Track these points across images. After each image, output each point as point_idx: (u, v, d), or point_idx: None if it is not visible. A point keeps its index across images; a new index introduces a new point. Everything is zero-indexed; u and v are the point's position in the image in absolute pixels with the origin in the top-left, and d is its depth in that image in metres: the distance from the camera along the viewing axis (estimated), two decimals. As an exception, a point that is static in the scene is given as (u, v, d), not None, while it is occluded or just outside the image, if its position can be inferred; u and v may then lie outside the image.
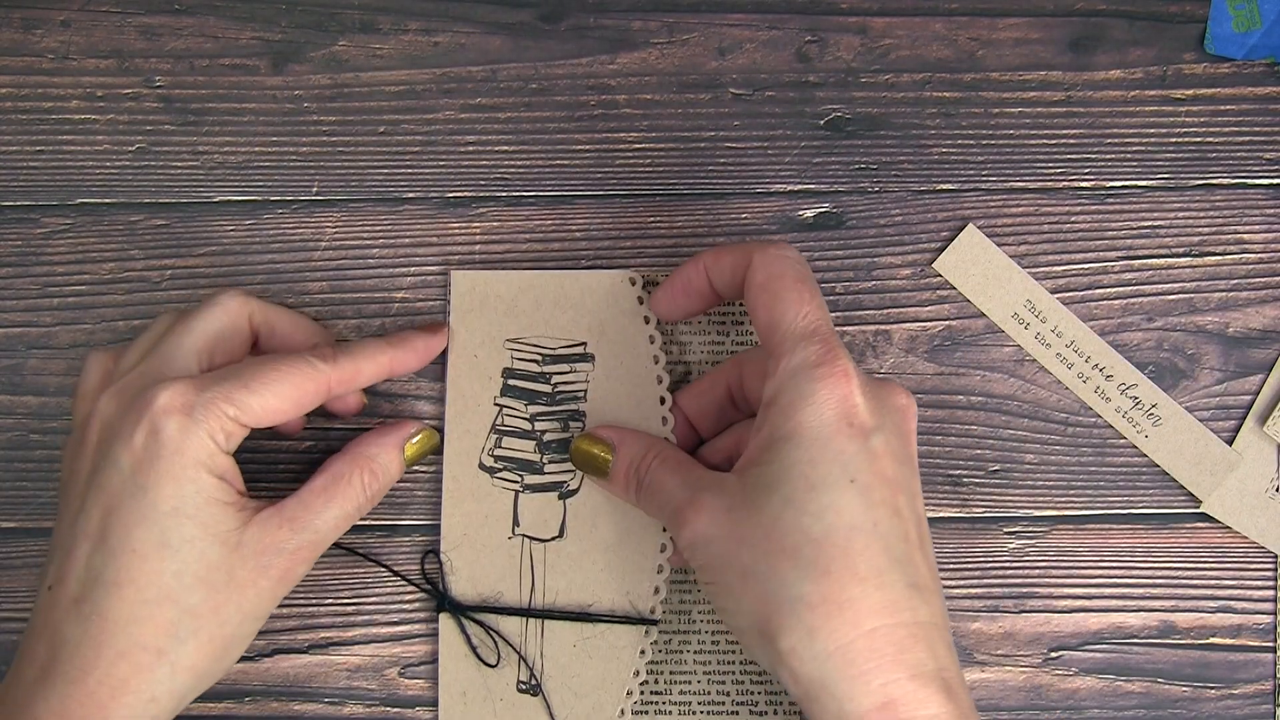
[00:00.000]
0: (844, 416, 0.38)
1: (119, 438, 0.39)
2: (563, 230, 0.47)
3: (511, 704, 0.46)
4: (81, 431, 0.41)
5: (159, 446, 0.39)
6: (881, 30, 0.48)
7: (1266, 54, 0.47)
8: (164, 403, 0.39)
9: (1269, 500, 0.47)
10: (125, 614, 0.38)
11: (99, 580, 0.38)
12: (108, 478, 0.39)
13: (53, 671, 0.38)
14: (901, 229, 0.47)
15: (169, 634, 0.39)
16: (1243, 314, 0.47)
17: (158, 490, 0.39)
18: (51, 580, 0.39)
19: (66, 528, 0.40)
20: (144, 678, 0.38)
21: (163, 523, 0.39)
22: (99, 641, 0.38)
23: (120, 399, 0.40)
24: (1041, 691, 0.47)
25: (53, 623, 0.39)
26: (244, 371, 0.41)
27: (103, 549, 0.39)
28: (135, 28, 0.48)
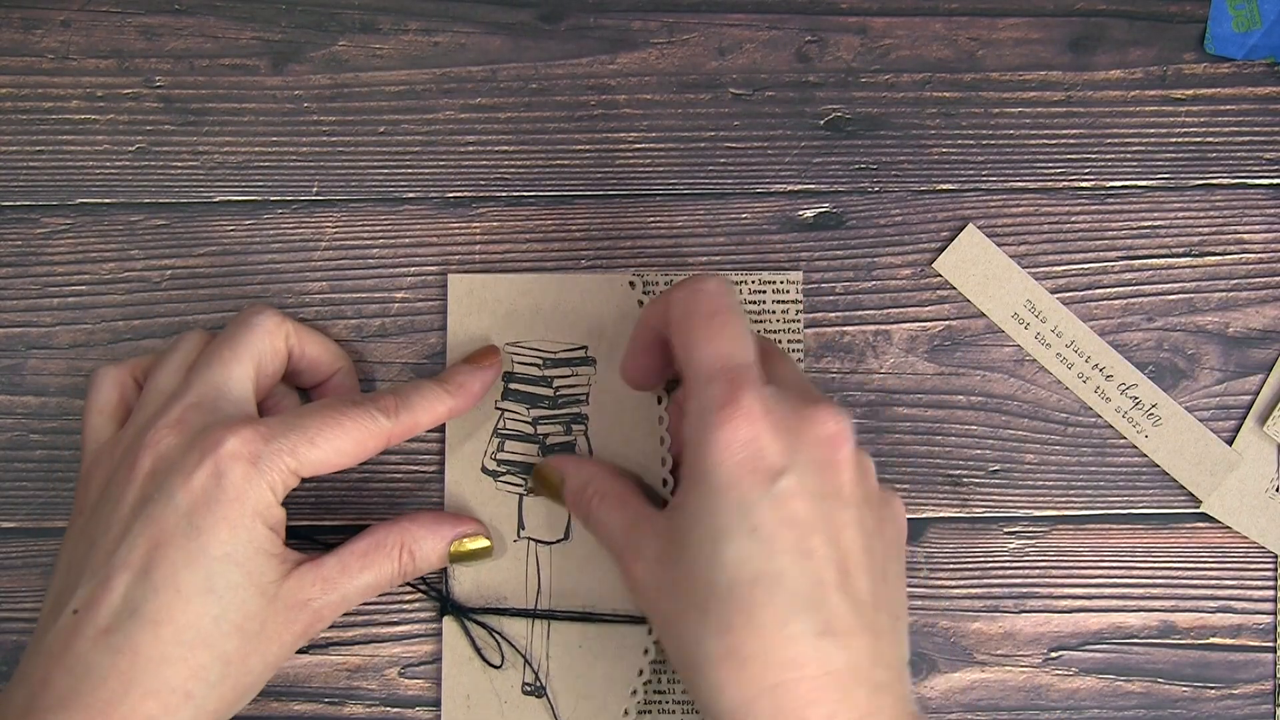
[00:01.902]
0: (746, 462, 0.36)
1: (177, 473, 0.39)
2: (563, 230, 0.47)
3: (516, 706, 0.46)
4: (130, 457, 0.40)
5: (220, 492, 0.38)
6: (881, 30, 0.48)
7: (1266, 54, 0.47)
8: (231, 449, 0.39)
9: (1269, 500, 0.47)
10: (159, 653, 0.38)
11: (136, 614, 0.38)
12: (160, 511, 0.38)
13: (73, 703, 0.37)
14: (901, 229, 0.47)
15: (200, 678, 0.38)
16: (1243, 314, 0.47)
17: (212, 534, 0.38)
18: (78, 605, 0.38)
19: (103, 554, 0.39)
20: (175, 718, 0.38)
21: (211, 567, 0.38)
22: (129, 677, 0.37)
23: (180, 433, 0.40)
24: (1041, 691, 0.47)
25: (77, 650, 0.38)
26: (309, 422, 0.40)
27: (144, 583, 0.38)
28: (135, 28, 0.48)
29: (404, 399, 0.42)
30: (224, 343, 0.42)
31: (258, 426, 0.39)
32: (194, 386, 0.41)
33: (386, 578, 0.43)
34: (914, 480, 0.47)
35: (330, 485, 0.47)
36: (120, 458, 0.41)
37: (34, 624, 0.46)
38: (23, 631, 0.47)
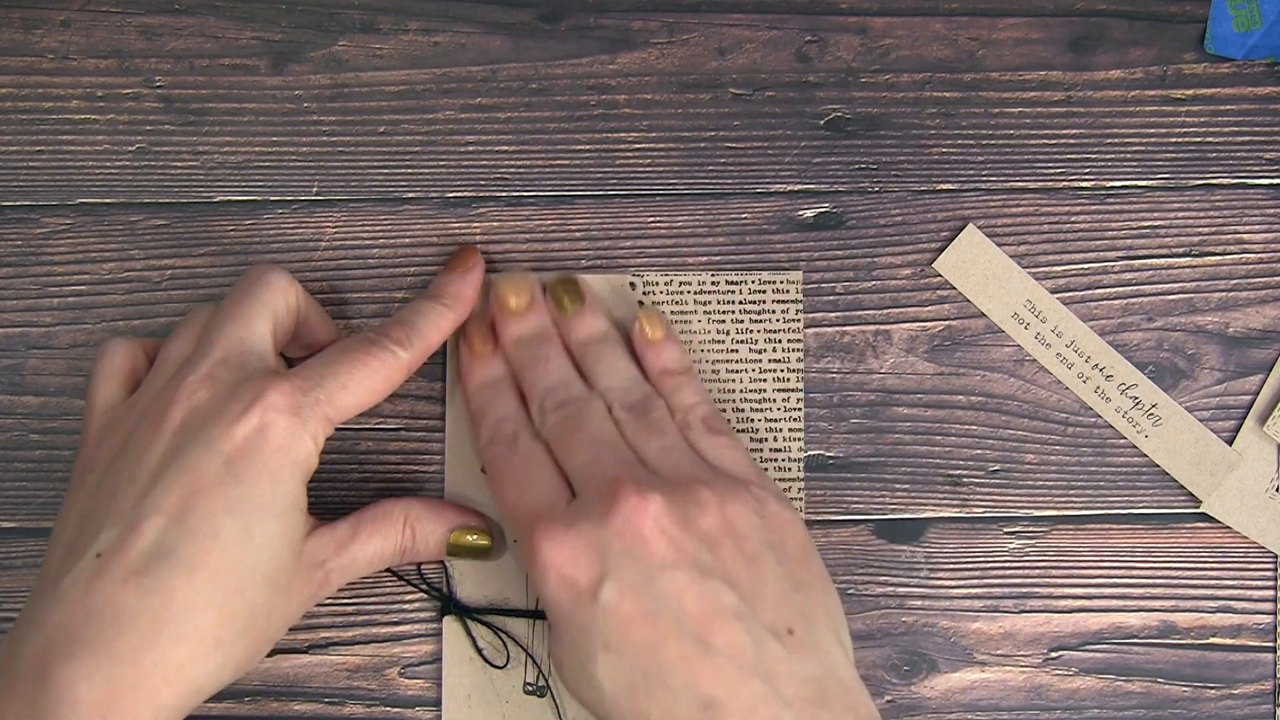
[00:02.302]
0: (566, 589, 0.38)
1: (216, 423, 0.38)
2: (563, 230, 0.47)
3: (519, 705, 0.46)
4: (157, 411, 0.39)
5: (264, 443, 0.38)
6: (881, 30, 0.48)
7: (1267, 54, 0.47)
8: (274, 400, 0.38)
9: (1269, 500, 0.47)
10: (192, 598, 0.37)
11: (171, 557, 0.37)
12: (196, 460, 0.38)
13: (99, 648, 0.35)
14: (901, 229, 0.47)
15: (230, 626, 0.38)
16: (1243, 314, 0.47)
17: (254, 483, 0.38)
18: (103, 549, 0.37)
19: (129, 500, 0.37)
20: (198, 667, 0.37)
21: (251, 516, 0.38)
22: (160, 620, 0.36)
23: (212, 388, 0.39)
24: (1041, 691, 0.47)
25: (102, 592, 0.36)
26: (338, 369, 0.40)
27: (179, 527, 0.37)
28: (135, 28, 0.48)
29: (411, 326, 0.42)
30: (240, 300, 0.41)
31: (293, 378, 0.39)
32: (218, 343, 0.40)
33: (391, 550, 0.43)
34: (914, 480, 0.47)
35: (330, 485, 0.47)
36: (143, 414, 0.40)
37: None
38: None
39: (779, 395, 0.47)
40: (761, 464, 0.46)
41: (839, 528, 0.47)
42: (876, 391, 0.47)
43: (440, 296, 0.44)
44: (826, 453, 0.47)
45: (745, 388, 0.47)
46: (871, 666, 0.47)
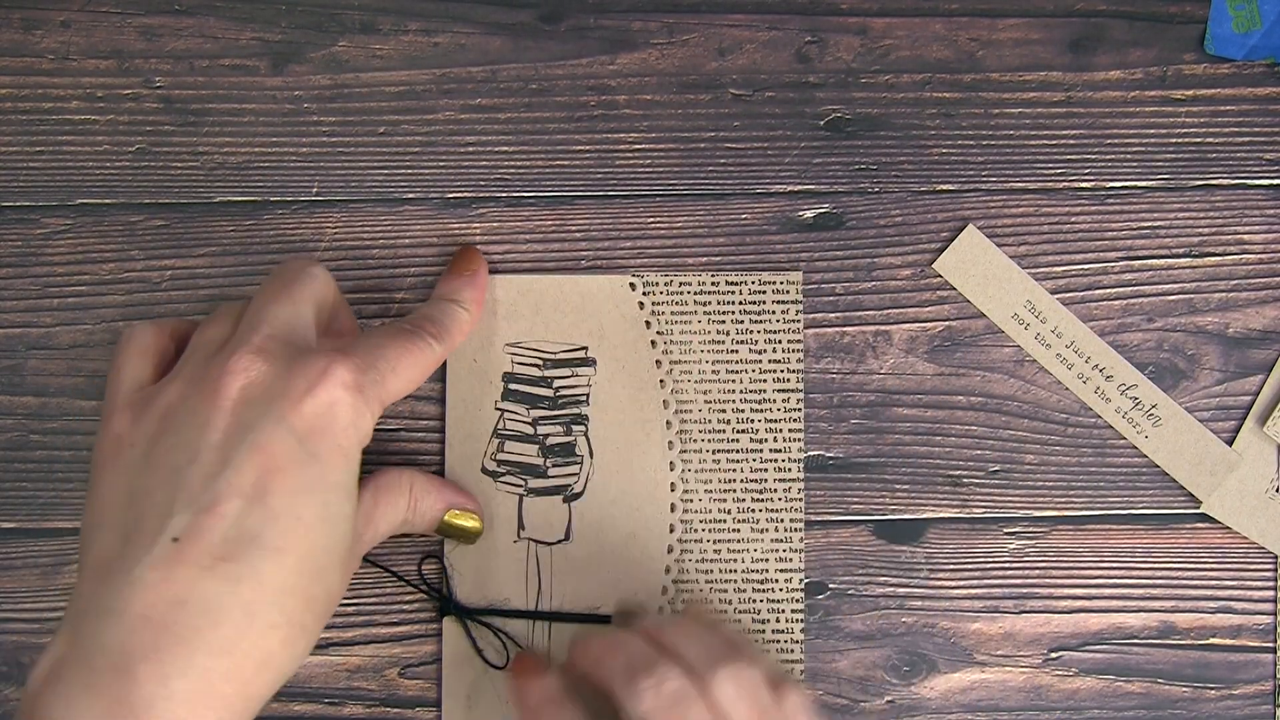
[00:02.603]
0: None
1: (283, 399, 0.36)
2: (563, 231, 0.47)
3: (514, 707, 0.46)
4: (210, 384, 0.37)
5: (333, 420, 0.37)
6: (881, 31, 0.48)
7: (1266, 54, 0.47)
8: (342, 376, 0.37)
9: (1269, 501, 0.47)
10: (282, 583, 0.35)
11: (257, 542, 0.35)
12: (268, 437, 0.36)
13: (185, 638, 0.33)
14: (901, 229, 0.47)
15: (312, 610, 0.36)
16: (1243, 314, 0.47)
17: (329, 462, 0.37)
18: (179, 533, 0.35)
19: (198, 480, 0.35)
20: (287, 654, 0.35)
21: (328, 495, 0.37)
22: (251, 609, 0.34)
23: (269, 361, 0.37)
24: (1041, 692, 0.47)
25: (184, 580, 0.34)
26: (387, 352, 0.39)
27: (260, 509, 0.35)
28: (135, 28, 0.48)
29: (439, 324, 0.42)
30: (286, 286, 0.40)
31: (352, 356, 0.38)
32: (266, 320, 0.39)
33: (398, 520, 0.43)
34: (914, 480, 0.47)
35: (330, 486, 0.47)
36: (192, 387, 0.38)
37: (35, 625, 0.47)
38: (23, 632, 0.47)
39: (779, 396, 0.47)
40: (761, 465, 0.47)
41: (839, 528, 0.47)
42: (876, 392, 0.47)
43: (456, 299, 0.44)
44: (826, 453, 0.47)
45: (745, 388, 0.47)
46: (871, 667, 0.47)
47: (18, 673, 0.47)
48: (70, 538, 0.47)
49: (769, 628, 0.47)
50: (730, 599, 0.46)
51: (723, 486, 0.47)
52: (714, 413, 0.47)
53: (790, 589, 0.47)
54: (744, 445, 0.47)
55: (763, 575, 0.47)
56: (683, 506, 0.46)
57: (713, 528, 0.47)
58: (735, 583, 0.47)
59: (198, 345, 0.40)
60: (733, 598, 0.46)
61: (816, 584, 0.47)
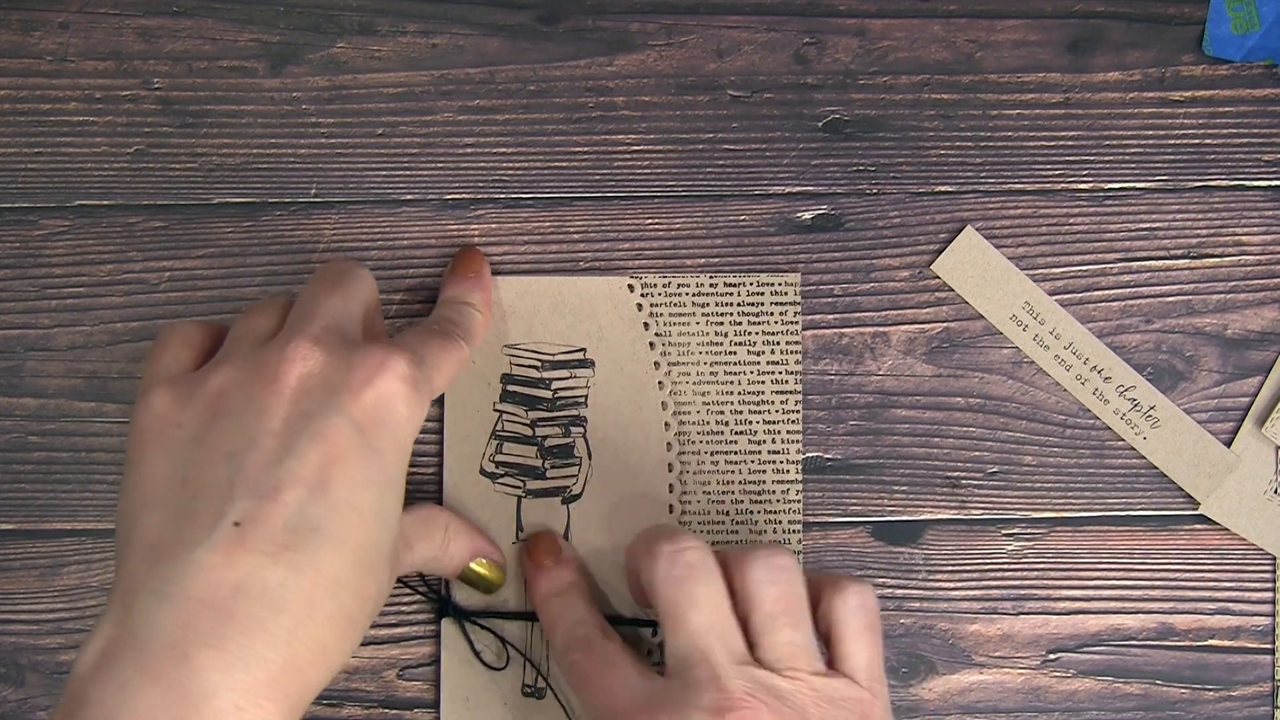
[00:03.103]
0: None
1: (344, 390, 0.36)
2: (561, 232, 0.47)
3: (517, 707, 0.46)
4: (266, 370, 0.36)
5: (391, 414, 0.37)
6: (880, 32, 0.48)
7: (1265, 56, 0.47)
8: (400, 370, 0.37)
9: (1267, 502, 0.47)
10: (339, 575, 0.35)
11: (319, 532, 0.34)
12: (333, 427, 0.35)
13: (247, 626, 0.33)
14: (900, 231, 0.47)
15: (363, 605, 0.36)
16: (1241, 316, 0.47)
17: (386, 456, 0.36)
18: (240, 517, 0.34)
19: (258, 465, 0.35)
20: (340, 647, 0.35)
21: (384, 490, 0.36)
22: (311, 600, 0.34)
23: (326, 351, 0.37)
24: (1040, 693, 0.47)
25: (245, 564, 0.33)
26: (430, 348, 0.39)
27: (323, 500, 0.35)
28: (133, 30, 0.48)
29: (462, 325, 0.42)
30: (338, 281, 0.40)
31: (406, 351, 0.38)
32: (320, 313, 0.38)
33: (430, 554, 0.43)
34: (912, 482, 0.47)
35: (328, 487, 0.47)
36: (247, 372, 0.37)
37: (33, 627, 0.47)
38: (21, 634, 0.47)
39: (777, 397, 0.47)
40: (760, 466, 0.47)
41: (837, 529, 0.47)
42: (875, 393, 0.47)
43: (468, 301, 0.44)
44: (825, 455, 0.47)
45: (743, 390, 0.47)
46: (870, 668, 0.47)
47: (16, 674, 0.47)
48: (69, 539, 0.47)
49: (767, 629, 0.46)
50: (728, 600, 0.46)
51: (721, 488, 0.47)
52: (712, 414, 0.47)
53: (788, 590, 0.47)
54: (742, 447, 0.47)
55: (761, 577, 0.46)
56: (681, 508, 0.46)
57: (711, 529, 0.47)
58: (733, 584, 0.47)
59: (242, 333, 0.39)
60: (731, 599, 0.46)
61: (815, 585, 0.47)
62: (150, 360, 0.40)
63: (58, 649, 0.47)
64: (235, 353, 0.38)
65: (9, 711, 0.47)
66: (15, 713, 0.46)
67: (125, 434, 0.46)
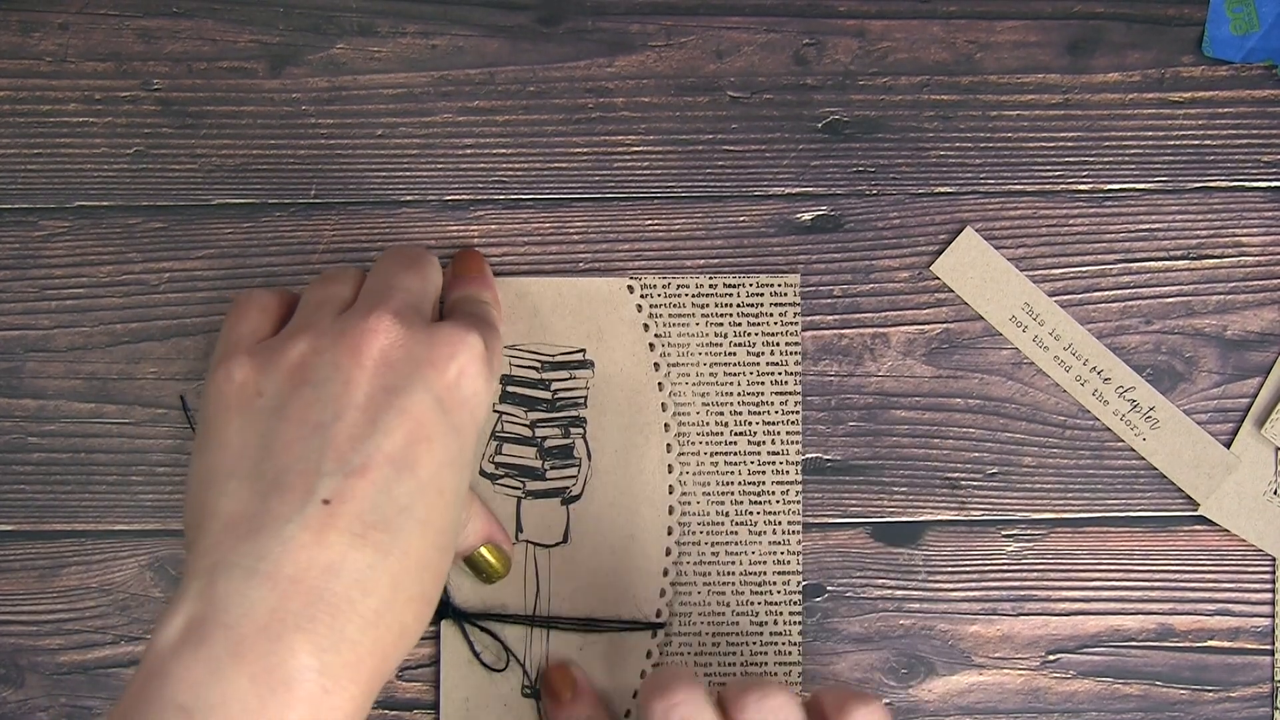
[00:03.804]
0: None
1: (428, 366, 0.36)
2: (561, 233, 0.47)
3: (516, 709, 0.46)
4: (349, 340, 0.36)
5: (472, 394, 0.36)
6: (879, 33, 0.48)
7: (1264, 57, 0.47)
8: (478, 348, 0.37)
9: (1267, 503, 0.47)
10: (423, 556, 0.34)
11: (406, 514, 0.34)
12: (417, 404, 0.35)
13: (338, 609, 0.32)
14: (899, 232, 0.47)
15: (438, 586, 0.35)
16: (1240, 317, 0.47)
17: (467, 436, 0.36)
18: (330, 494, 0.33)
19: (345, 440, 0.34)
20: (418, 629, 0.35)
21: (463, 471, 0.36)
22: (397, 581, 0.33)
23: (407, 325, 0.36)
24: (1039, 694, 0.47)
25: (336, 544, 0.33)
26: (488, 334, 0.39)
27: (410, 479, 0.34)
28: (133, 31, 0.48)
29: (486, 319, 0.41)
30: (414, 261, 0.40)
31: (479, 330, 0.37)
32: (400, 288, 0.38)
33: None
34: (912, 483, 0.47)
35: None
36: (325, 340, 0.36)
37: (33, 627, 0.46)
38: (21, 634, 0.47)
39: (777, 398, 0.47)
40: (759, 467, 0.47)
41: (836, 530, 0.47)
42: (874, 394, 0.47)
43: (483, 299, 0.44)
44: (824, 455, 0.47)
45: (743, 390, 0.47)
46: (869, 670, 0.47)
47: (16, 675, 0.47)
48: (68, 540, 0.47)
49: (766, 630, 0.47)
50: (728, 601, 0.46)
51: (721, 489, 0.47)
52: (712, 415, 0.47)
53: (788, 591, 0.47)
54: (742, 447, 0.47)
55: (760, 578, 0.47)
56: (681, 509, 0.46)
57: (711, 530, 0.47)
58: (733, 585, 0.47)
59: (319, 301, 0.39)
60: (730, 600, 0.47)
61: (814, 586, 0.47)
62: (228, 327, 0.39)
63: (57, 650, 0.47)
64: (315, 321, 0.38)
65: (9, 712, 0.47)
66: (15, 713, 0.46)
67: (125, 435, 0.46)
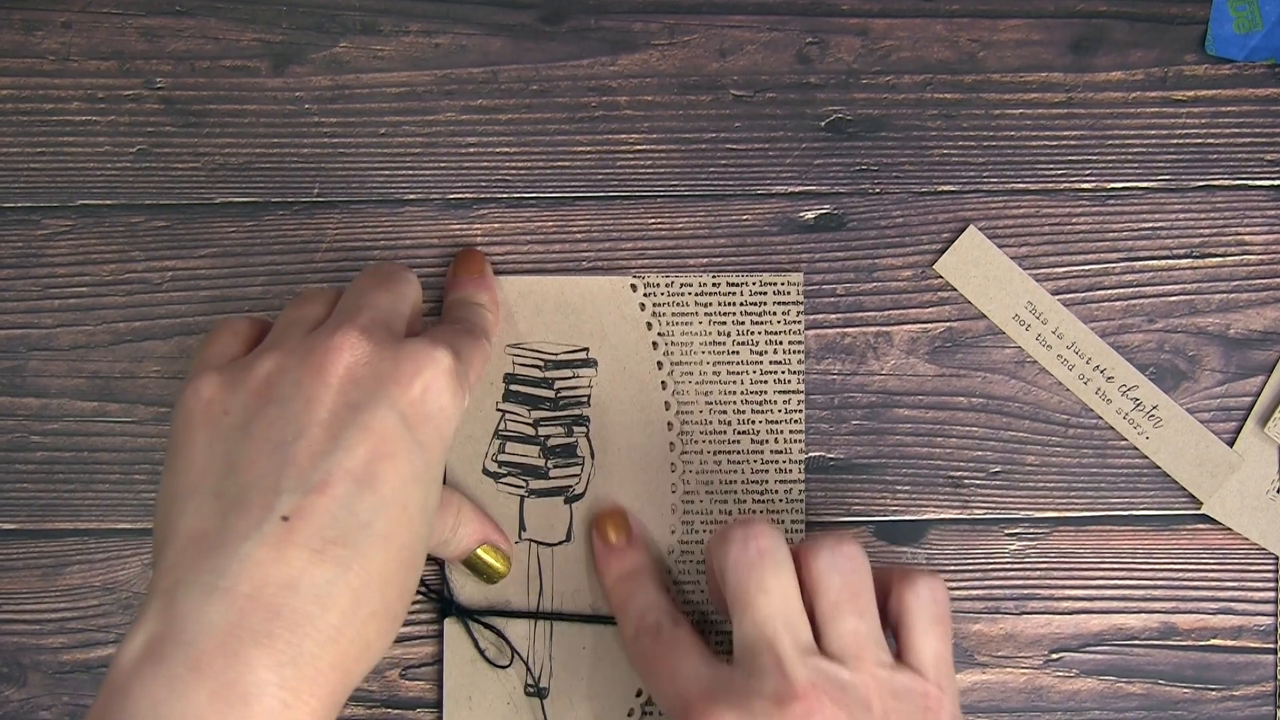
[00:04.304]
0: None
1: (391, 382, 0.36)
2: (564, 232, 0.47)
3: (519, 707, 0.46)
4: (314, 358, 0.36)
5: (438, 409, 0.36)
6: (882, 32, 0.48)
7: (1267, 55, 0.47)
8: (446, 363, 0.37)
9: (1270, 502, 0.47)
10: (385, 572, 0.34)
11: (367, 530, 0.34)
12: (378, 420, 0.35)
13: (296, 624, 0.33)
14: (902, 230, 0.47)
15: (404, 602, 0.36)
16: (1244, 315, 0.47)
17: (432, 452, 0.36)
18: (289, 510, 0.34)
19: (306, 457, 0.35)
20: (381, 644, 0.35)
21: (429, 487, 0.36)
22: (358, 596, 0.34)
23: (373, 342, 0.37)
24: (1042, 693, 0.47)
25: (295, 563, 0.33)
26: (463, 344, 0.39)
27: (371, 495, 0.34)
28: (136, 29, 0.48)
29: (477, 324, 0.42)
30: (388, 277, 0.40)
31: (447, 345, 0.37)
32: (369, 305, 0.38)
33: (441, 537, 0.43)
34: (915, 481, 0.47)
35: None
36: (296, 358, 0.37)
37: (35, 626, 0.47)
38: (23, 633, 0.47)
39: (780, 397, 0.47)
40: (762, 466, 0.47)
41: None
42: (877, 393, 0.47)
43: (477, 301, 0.44)
44: (827, 454, 0.47)
45: (746, 389, 0.47)
46: None
47: (18, 674, 0.47)
48: (71, 539, 0.47)
49: (770, 629, 0.46)
50: (731, 600, 0.46)
51: (724, 488, 0.47)
52: (715, 414, 0.47)
53: (791, 590, 0.47)
54: (745, 447, 0.47)
55: (764, 576, 0.46)
56: (684, 507, 0.46)
57: (714, 529, 0.47)
58: (736, 584, 0.47)
59: (290, 321, 0.39)
60: (734, 599, 0.46)
61: (817, 585, 0.47)
62: (200, 349, 0.40)
63: (60, 649, 0.47)
64: (283, 340, 0.38)
65: (12, 711, 0.47)
66: (18, 713, 0.46)
67: (127, 434, 0.46)
